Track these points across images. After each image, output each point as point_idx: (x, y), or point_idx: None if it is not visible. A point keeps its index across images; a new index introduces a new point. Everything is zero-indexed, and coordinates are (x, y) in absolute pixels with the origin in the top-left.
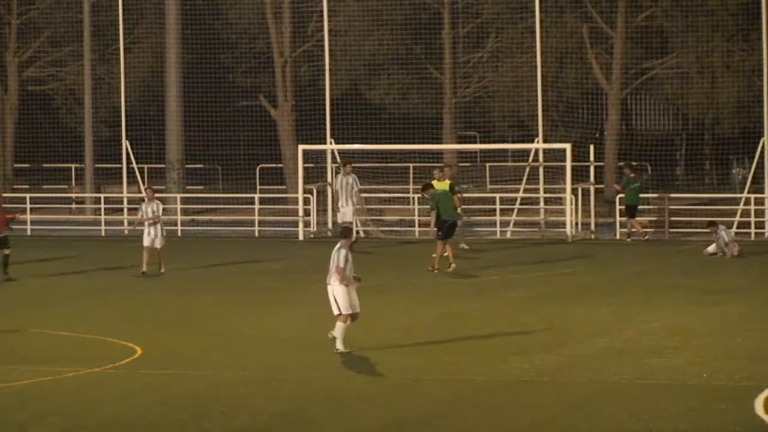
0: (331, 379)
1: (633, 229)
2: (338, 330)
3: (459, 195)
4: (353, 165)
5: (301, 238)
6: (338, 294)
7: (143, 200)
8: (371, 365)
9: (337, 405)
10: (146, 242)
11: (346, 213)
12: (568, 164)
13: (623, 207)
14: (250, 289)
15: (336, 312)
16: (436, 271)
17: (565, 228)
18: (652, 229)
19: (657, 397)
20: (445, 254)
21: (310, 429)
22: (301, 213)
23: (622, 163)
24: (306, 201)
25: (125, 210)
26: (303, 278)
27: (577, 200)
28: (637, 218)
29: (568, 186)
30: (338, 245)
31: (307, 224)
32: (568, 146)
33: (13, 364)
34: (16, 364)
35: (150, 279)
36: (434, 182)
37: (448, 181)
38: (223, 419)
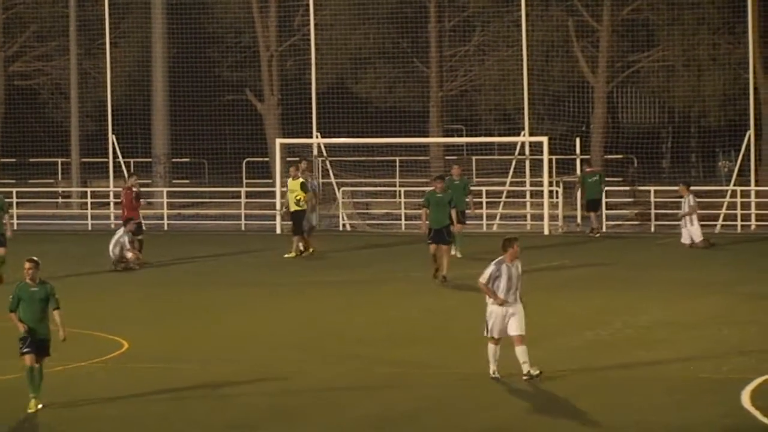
0: (318, 373)
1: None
2: (489, 352)
3: (470, 196)
4: (328, 159)
5: (278, 232)
6: (488, 313)
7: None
8: (358, 359)
9: (325, 399)
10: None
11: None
12: (545, 157)
13: (584, 202)
14: (237, 283)
15: (484, 332)
16: (442, 277)
17: (554, 221)
18: (638, 222)
19: (644, 390)
20: (457, 255)
21: (297, 424)
22: (278, 207)
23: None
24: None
25: (111, 204)
26: (290, 272)
27: (561, 194)
28: (599, 213)
29: (546, 179)
30: (497, 259)
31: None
32: (545, 139)
33: (2, 358)
34: (3, 359)
35: (137, 273)
36: (289, 180)
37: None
38: (210, 414)
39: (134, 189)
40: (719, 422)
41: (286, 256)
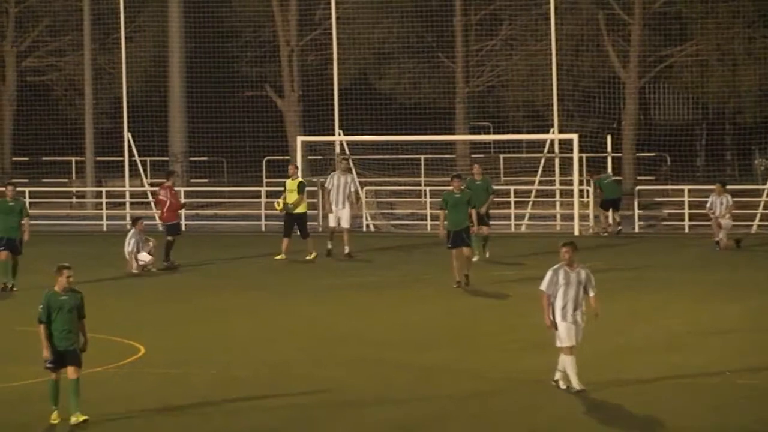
0: (339, 377)
1: (614, 223)
2: (566, 364)
3: (492, 197)
4: (351, 157)
5: (299, 232)
6: (558, 323)
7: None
8: (380, 362)
9: (345, 404)
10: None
11: (342, 217)
12: (575, 155)
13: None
14: (256, 286)
15: (558, 343)
16: (462, 283)
17: (584, 222)
18: (670, 222)
19: (677, 396)
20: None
21: (319, 429)
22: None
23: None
24: (312, 194)
25: (127, 204)
26: (311, 275)
27: (591, 193)
28: (616, 213)
29: (575, 178)
30: (555, 266)
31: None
32: (574, 137)
33: (13, 363)
34: (17, 364)
35: (152, 275)
36: (288, 181)
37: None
38: (230, 420)
39: (175, 189)
40: (754, 429)
41: (307, 258)
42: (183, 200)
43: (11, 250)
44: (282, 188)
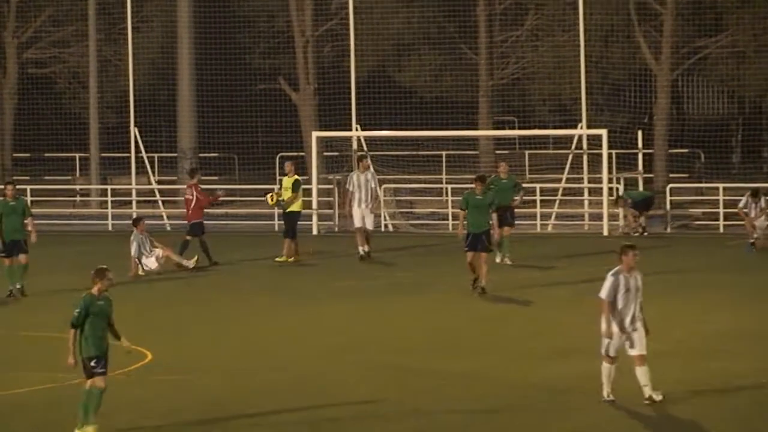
0: (356, 384)
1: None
2: (603, 372)
3: (521, 194)
4: (369, 154)
5: (314, 232)
6: (603, 330)
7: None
8: (399, 370)
9: (364, 412)
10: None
11: (365, 218)
12: (605, 152)
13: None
14: (268, 288)
15: (602, 351)
16: (480, 288)
17: (614, 221)
18: (704, 222)
19: (711, 405)
20: (497, 260)
21: None
22: (314, 206)
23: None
24: (327, 192)
25: (134, 203)
26: (325, 276)
27: (621, 191)
28: (646, 213)
29: (605, 175)
30: (613, 270)
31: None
32: (604, 132)
33: (13, 370)
34: (17, 370)
35: (159, 278)
36: (285, 179)
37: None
38: (237, 429)
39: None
40: None
41: (277, 259)
42: (218, 192)
43: (18, 252)
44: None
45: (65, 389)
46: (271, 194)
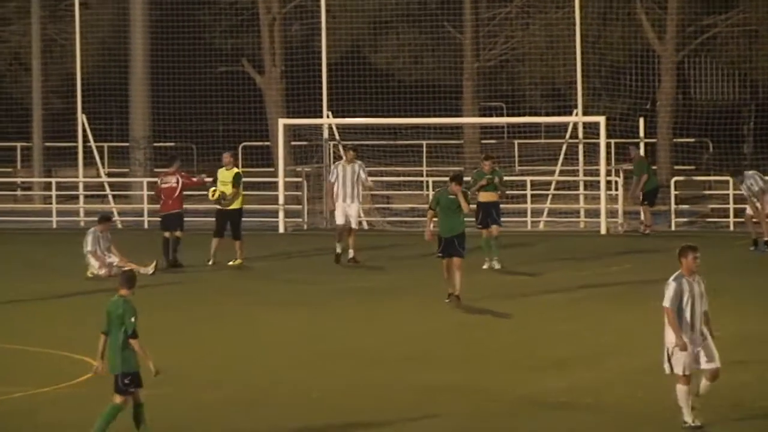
0: (327, 398)
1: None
2: (679, 395)
3: (502, 191)
4: (341, 143)
5: (281, 230)
6: (668, 341)
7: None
8: (379, 381)
9: (337, 429)
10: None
11: (350, 212)
12: (602, 141)
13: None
14: (229, 292)
15: (666, 370)
16: (455, 298)
17: (613, 218)
18: (713, 219)
19: (719, 420)
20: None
21: None
22: (281, 201)
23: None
24: (296, 186)
25: (81, 197)
26: (292, 279)
27: (621, 185)
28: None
29: (602, 167)
30: (675, 275)
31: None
32: (601, 119)
33: None
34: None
35: (112, 282)
36: (220, 171)
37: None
38: None
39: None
40: None
41: (230, 263)
42: (202, 176)
43: None
44: (257, 179)
45: (7, 404)
46: (212, 189)
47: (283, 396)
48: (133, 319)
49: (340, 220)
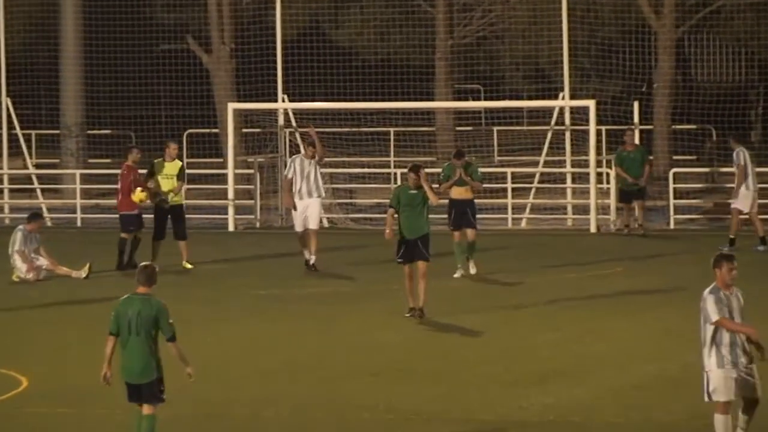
0: (283, 419)
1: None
2: (717, 424)
3: (473, 187)
4: (298, 130)
5: (231, 228)
6: (708, 364)
7: None
8: (341, 399)
9: None
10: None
11: (309, 212)
12: (592, 128)
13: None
14: (171, 297)
15: (705, 397)
16: (416, 312)
17: (604, 215)
18: (716, 216)
19: None
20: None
21: None
22: (231, 196)
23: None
24: (247, 179)
25: (5, 191)
26: (243, 284)
27: (613, 177)
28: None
29: (592, 157)
30: (710, 288)
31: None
32: (591, 103)
33: None
34: None
35: (40, 287)
36: (159, 162)
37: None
38: None
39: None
40: None
41: (187, 266)
42: (147, 184)
43: None
44: (203, 171)
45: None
46: (139, 188)
47: (237, 414)
48: (171, 321)
49: (298, 227)
